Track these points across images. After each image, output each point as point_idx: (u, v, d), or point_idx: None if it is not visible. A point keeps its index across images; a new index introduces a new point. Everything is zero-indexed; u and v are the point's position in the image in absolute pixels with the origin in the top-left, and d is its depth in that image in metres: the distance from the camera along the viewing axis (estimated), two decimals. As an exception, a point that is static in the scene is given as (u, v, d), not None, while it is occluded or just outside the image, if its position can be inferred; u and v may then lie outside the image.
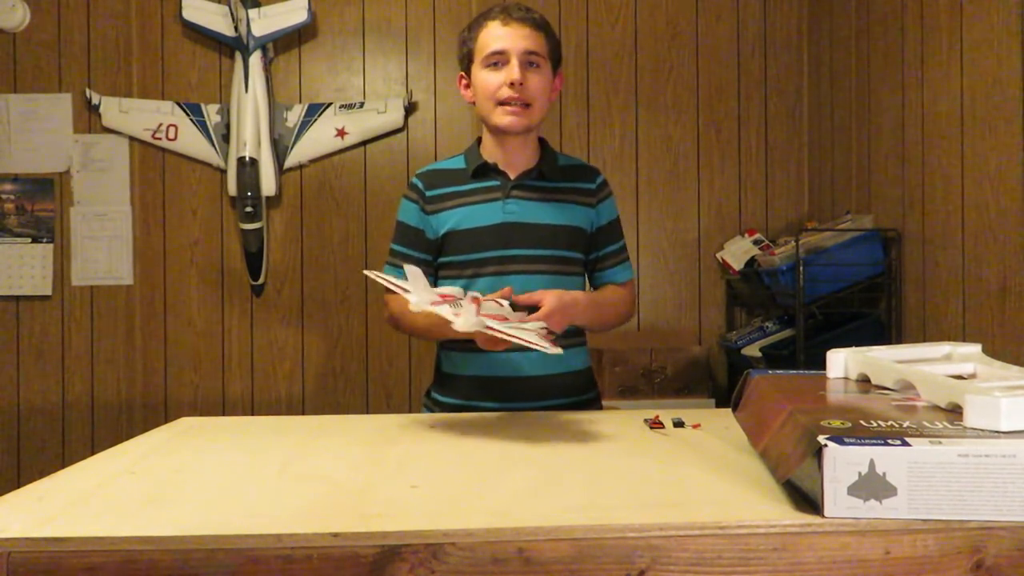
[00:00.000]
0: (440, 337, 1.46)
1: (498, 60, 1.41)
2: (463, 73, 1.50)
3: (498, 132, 1.46)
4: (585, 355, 1.56)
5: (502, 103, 1.41)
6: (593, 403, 1.56)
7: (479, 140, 1.53)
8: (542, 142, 1.54)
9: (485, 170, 1.49)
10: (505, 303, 1.22)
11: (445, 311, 1.09)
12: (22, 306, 2.97)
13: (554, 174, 1.50)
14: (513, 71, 1.39)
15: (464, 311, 1.09)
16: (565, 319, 1.30)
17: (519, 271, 1.44)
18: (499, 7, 1.44)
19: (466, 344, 1.48)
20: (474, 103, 1.49)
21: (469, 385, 1.49)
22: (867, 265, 2.42)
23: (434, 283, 1.48)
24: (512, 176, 1.48)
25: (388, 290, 1.54)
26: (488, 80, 1.42)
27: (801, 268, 2.39)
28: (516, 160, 1.49)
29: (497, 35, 1.41)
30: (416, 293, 1.10)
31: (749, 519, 0.70)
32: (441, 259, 1.50)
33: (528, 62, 1.41)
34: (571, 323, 1.35)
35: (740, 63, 3.08)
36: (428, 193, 1.50)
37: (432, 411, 1.54)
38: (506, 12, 1.42)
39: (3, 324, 2.97)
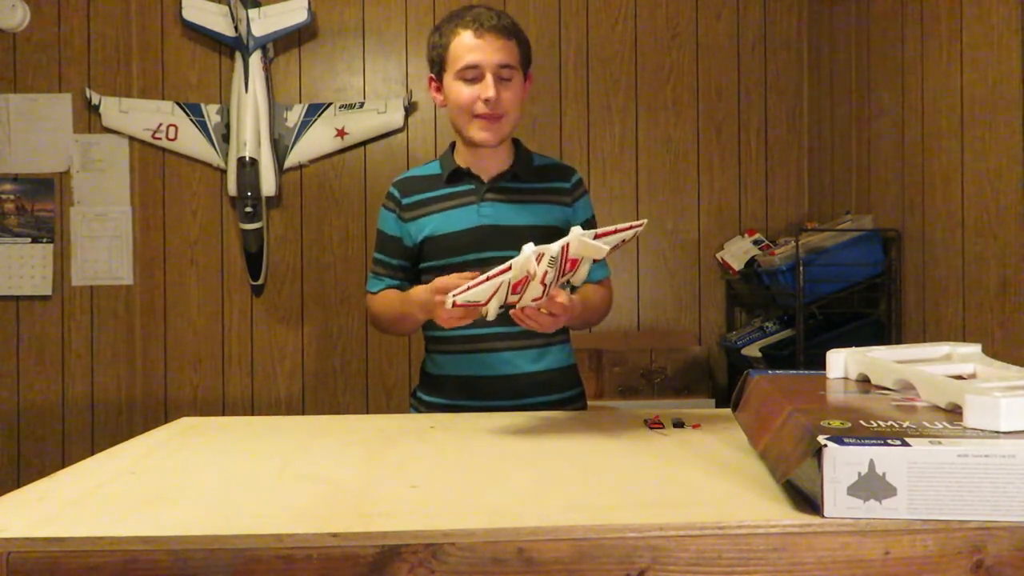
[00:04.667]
0: (407, 327, 1.48)
1: (472, 75, 1.40)
2: (433, 76, 1.49)
3: (472, 145, 1.47)
4: (568, 352, 1.56)
5: (476, 116, 1.42)
6: (578, 400, 1.56)
7: (453, 145, 1.54)
8: (516, 143, 1.55)
9: (459, 175, 1.50)
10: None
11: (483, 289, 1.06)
12: (22, 306, 2.97)
13: (528, 175, 1.51)
14: (488, 88, 1.39)
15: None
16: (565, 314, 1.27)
17: None
18: (470, 14, 1.41)
19: (449, 346, 1.50)
20: (445, 107, 1.49)
21: (453, 385, 1.51)
22: (867, 265, 2.42)
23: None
24: (486, 179, 1.49)
25: (369, 291, 1.56)
26: (462, 93, 1.42)
27: (801, 268, 2.39)
28: (489, 164, 1.50)
29: (470, 47, 1.39)
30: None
31: (749, 519, 0.70)
32: (421, 265, 1.52)
33: (501, 76, 1.41)
34: (567, 323, 1.33)
35: (740, 63, 3.07)
36: (404, 200, 1.51)
37: (418, 411, 1.55)
38: (478, 21, 1.40)
39: (3, 324, 2.97)
